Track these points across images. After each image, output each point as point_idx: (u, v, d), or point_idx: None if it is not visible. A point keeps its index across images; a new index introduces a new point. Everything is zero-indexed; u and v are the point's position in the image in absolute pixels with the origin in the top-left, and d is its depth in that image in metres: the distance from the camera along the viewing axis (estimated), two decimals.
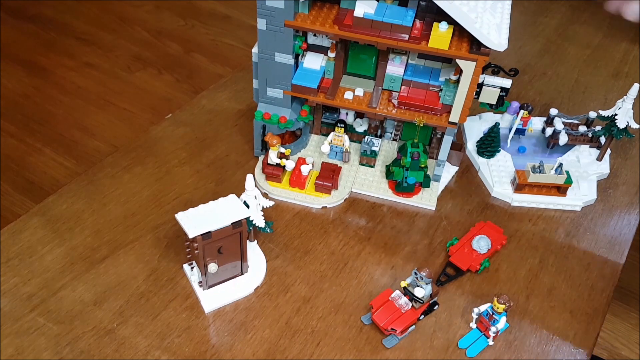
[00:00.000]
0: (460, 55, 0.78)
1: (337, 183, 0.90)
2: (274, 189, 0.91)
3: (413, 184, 0.90)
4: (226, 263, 0.76)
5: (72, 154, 2.03)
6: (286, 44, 0.84)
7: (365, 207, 0.90)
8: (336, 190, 0.91)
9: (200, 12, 2.66)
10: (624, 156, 1.03)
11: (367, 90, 0.90)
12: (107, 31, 2.55)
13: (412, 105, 0.87)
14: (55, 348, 0.71)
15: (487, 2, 0.81)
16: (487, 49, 0.77)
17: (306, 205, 0.90)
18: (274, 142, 0.88)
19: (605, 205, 0.94)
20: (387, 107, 0.88)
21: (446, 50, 0.78)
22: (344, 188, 0.92)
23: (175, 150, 0.97)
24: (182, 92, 2.28)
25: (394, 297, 0.75)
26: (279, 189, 0.91)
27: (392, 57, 0.87)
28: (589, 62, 1.25)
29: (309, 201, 0.90)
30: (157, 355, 0.71)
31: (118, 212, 0.87)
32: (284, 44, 0.84)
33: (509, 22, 0.81)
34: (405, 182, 0.90)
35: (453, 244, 0.83)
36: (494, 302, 0.72)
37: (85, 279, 0.78)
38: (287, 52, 0.85)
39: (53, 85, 2.29)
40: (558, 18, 1.38)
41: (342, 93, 0.90)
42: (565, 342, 0.75)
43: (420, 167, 0.90)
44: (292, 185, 0.90)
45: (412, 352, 0.73)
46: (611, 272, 0.84)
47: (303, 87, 0.88)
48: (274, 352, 0.72)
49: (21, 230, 0.83)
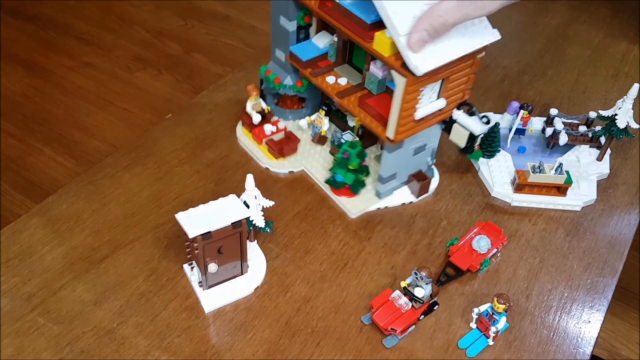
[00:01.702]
0: (394, 67, 0.75)
1: (285, 152, 0.94)
2: (242, 135, 0.99)
3: (341, 182, 0.89)
4: (226, 263, 0.76)
5: (72, 154, 2.03)
6: (288, 11, 0.88)
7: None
8: (283, 158, 0.95)
9: (200, 12, 2.66)
10: (624, 156, 1.03)
11: (351, 82, 0.90)
12: (107, 31, 2.55)
13: (368, 109, 0.85)
14: (55, 348, 0.71)
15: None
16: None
17: (253, 159, 0.96)
18: (252, 93, 0.95)
19: (605, 205, 0.94)
20: (353, 102, 0.87)
21: (386, 57, 0.75)
22: (294, 162, 0.95)
23: (175, 150, 0.97)
24: (182, 92, 2.28)
25: (394, 297, 0.75)
26: (245, 136, 0.99)
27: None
28: (589, 62, 1.25)
29: (257, 156, 0.97)
30: (157, 355, 0.71)
31: (118, 212, 0.87)
32: (286, 10, 0.88)
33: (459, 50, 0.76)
34: (332, 177, 0.90)
35: (453, 244, 0.83)
36: (494, 302, 0.72)
37: (85, 279, 0.78)
38: (289, 18, 0.89)
39: (53, 85, 2.29)
40: (558, 18, 1.38)
41: (327, 76, 0.90)
42: (565, 342, 0.75)
43: (349, 168, 0.88)
44: (253, 136, 0.96)
45: (412, 352, 0.73)
46: (611, 272, 0.84)
47: (296, 57, 0.91)
48: (274, 352, 0.72)
49: (21, 230, 0.83)
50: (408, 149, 0.87)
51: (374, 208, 0.90)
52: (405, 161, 0.88)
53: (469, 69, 0.81)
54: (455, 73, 0.79)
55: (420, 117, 0.81)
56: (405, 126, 0.81)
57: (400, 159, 0.87)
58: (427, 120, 0.82)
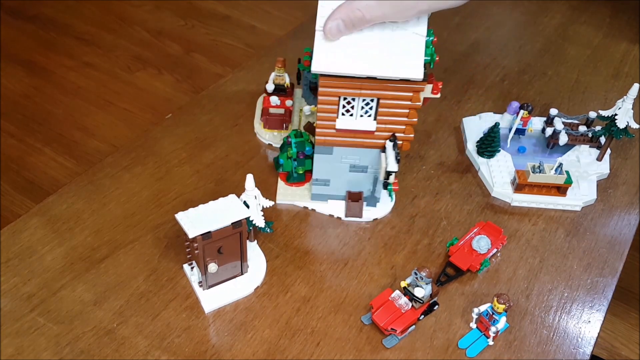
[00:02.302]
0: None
1: (269, 124, 0.98)
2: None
3: (303, 173, 0.90)
4: (226, 263, 0.76)
5: (72, 154, 2.03)
6: None
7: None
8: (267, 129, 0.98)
9: (200, 12, 2.67)
10: (624, 156, 1.03)
11: None
12: (107, 31, 2.55)
13: None
14: (55, 348, 0.71)
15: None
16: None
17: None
18: (278, 64, 0.96)
19: (605, 205, 0.94)
20: None
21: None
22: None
23: (175, 150, 0.97)
24: (182, 92, 2.28)
25: (394, 297, 0.75)
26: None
27: None
28: (589, 62, 1.25)
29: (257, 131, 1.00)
30: (157, 355, 0.71)
31: (118, 212, 0.87)
32: None
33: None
34: (295, 173, 0.90)
35: (453, 244, 0.83)
36: (494, 302, 0.72)
37: (85, 279, 0.78)
38: None
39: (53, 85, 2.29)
40: (558, 18, 1.38)
41: None
42: (565, 342, 0.75)
43: (288, 155, 0.89)
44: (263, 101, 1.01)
45: (412, 352, 0.73)
46: (611, 272, 0.84)
47: None
48: (274, 352, 0.72)
49: (21, 230, 0.83)
50: (341, 161, 0.84)
51: (300, 205, 0.90)
52: (339, 173, 0.86)
53: (409, 102, 0.77)
54: (388, 98, 0.77)
55: (341, 128, 0.80)
56: (324, 129, 0.80)
57: (332, 167, 0.85)
58: (354, 136, 0.81)
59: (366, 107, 0.79)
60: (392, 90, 0.76)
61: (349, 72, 0.73)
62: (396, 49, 0.73)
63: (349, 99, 0.78)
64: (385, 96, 0.76)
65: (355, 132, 0.80)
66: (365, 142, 0.82)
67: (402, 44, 0.73)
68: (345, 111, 0.79)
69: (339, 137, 0.81)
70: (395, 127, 0.80)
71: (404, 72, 0.73)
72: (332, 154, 0.84)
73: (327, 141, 0.82)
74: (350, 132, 0.81)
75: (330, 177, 0.87)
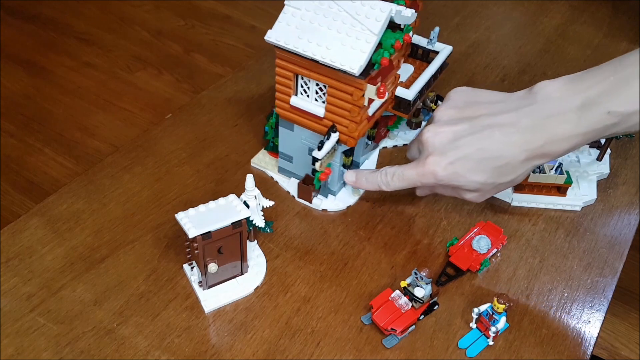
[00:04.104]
0: None
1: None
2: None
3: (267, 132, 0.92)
4: (226, 263, 0.76)
5: (72, 154, 2.03)
6: None
7: (365, 207, 0.90)
8: None
9: (200, 12, 2.67)
10: (624, 156, 1.03)
11: None
12: (107, 31, 2.55)
13: None
14: (55, 348, 0.71)
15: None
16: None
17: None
18: None
19: (605, 205, 0.94)
20: None
21: None
22: None
23: (175, 150, 0.97)
24: (182, 92, 2.28)
25: (394, 297, 0.75)
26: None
27: None
28: (589, 62, 1.25)
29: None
30: (157, 355, 0.71)
31: (118, 212, 0.87)
32: None
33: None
34: (272, 142, 0.91)
35: (453, 244, 0.84)
36: (494, 302, 0.72)
37: (85, 279, 0.78)
38: None
39: (53, 85, 2.29)
40: (558, 18, 1.38)
41: None
42: (565, 342, 0.75)
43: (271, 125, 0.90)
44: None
45: (412, 352, 0.73)
46: (611, 272, 0.84)
47: None
48: (274, 352, 0.72)
49: (21, 230, 0.83)
50: (300, 140, 0.86)
51: (268, 173, 0.93)
52: (300, 153, 0.87)
53: (350, 97, 0.76)
54: (333, 87, 0.77)
55: (294, 106, 0.82)
56: (281, 102, 0.83)
57: (294, 145, 0.87)
58: (307, 117, 0.83)
59: (320, 92, 0.81)
60: (335, 79, 0.77)
61: (293, 49, 0.76)
62: (347, 40, 0.74)
63: (306, 79, 0.80)
64: (332, 84, 0.78)
65: (307, 113, 0.82)
66: (317, 127, 0.83)
67: (355, 37, 0.75)
68: (303, 91, 0.82)
69: (294, 114, 0.83)
70: (340, 119, 0.81)
71: (340, 61, 0.74)
72: (293, 131, 0.86)
73: (285, 115, 0.84)
74: (303, 113, 0.83)
75: (292, 154, 0.88)
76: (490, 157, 0.73)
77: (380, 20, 0.74)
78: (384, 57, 0.74)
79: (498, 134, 0.72)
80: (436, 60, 0.95)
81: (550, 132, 0.71)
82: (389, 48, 0.75)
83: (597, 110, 0.69)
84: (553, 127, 0.71)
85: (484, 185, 0.76)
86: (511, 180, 0.77)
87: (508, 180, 0.76)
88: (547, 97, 0.73)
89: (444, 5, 1.39)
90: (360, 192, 0.91)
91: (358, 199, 0.91)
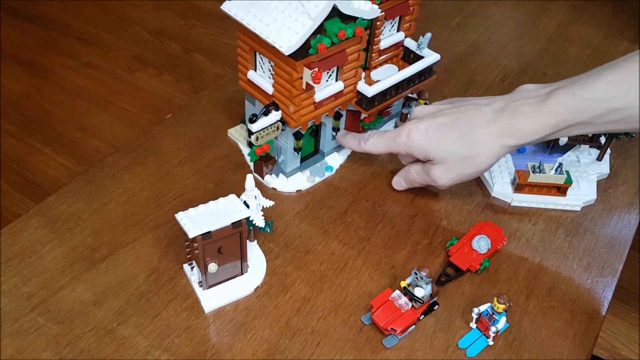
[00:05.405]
0: None
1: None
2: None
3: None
4: (226, 263, 0.76)
5: (72, 154, 2.03)
6: None
7: (365, 207, 0.90)
8: None
9: (200, 12, 2.66)
10: (624, 156, 1.03)
11: None
12: (107, 31, 2.55)
13: None
14: (55, 348, 0.71)
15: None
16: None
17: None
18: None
19: (605, 205, 0.94)
20: None
21: None
22: None
23: (175, 150, 0.97)
24: (182, 92, 2.28)
25: (394, 297, 0.75)
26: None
27: None
28: (589, 62, 1.25)
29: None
30: (157, 355, 0.71)
31: (118, 212, 0.87)
32: None
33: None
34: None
35: (453, 244, 0.84)
36: (494, 302, 0.72)
37: (85, 279, 0.78)
38: None
39: (53, 85, 2.29)
40: (558, 18, 1.38)
41: None
42: (565, 342, 0.75)
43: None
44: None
45: (412, 352, 0.73)
46: (611, 272, 0.84)
47: None
48: (274, 352, 0.72)
49: (21, 230, 0.83)
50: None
51: (240, 146, 0.97)
52: None
53: (288, 76, 0.77)
54: (277, 66, 0.79)
55: (250, 80, 0.84)
56: (242, 74, 0.86)
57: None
58: (261, 93, 0.85)
59: (272, 70, 0.82)
60: (278, 58, 0.78)
61: (240, 21, 0.78)
62: (287, 20, 0.75)
63: (262, 55, 0.82)
64: (276, 63, 0.79)
65: (260, 89, 0.84)
66: (262, 99, 0.85)
67: (294, 19, 0.75)
68: (260, 67, 0.83)
69: (252, 88, 0.85)
70: (283, 98, 0.82)
71: (273, 39, 0.75)
72: (255, 106, 0.88)
73: (245, 88, 0.87)
74: (257, 88, 0.84)
75: None
76: (461, 127, 0.80)
77: (319, 6, 0.74)
78: (322, 43, 0.74)
79: (473, 110, 0.81)
80: (414, 66, 0.91)
81: (517, 109, 0.78)
82: (332, 36, 0.75)
83: (563, 92, 0.76)
84: (520, 106, 0.78)
85: (450, 155, 0.81)
86: (476, 156, 0.80)
87: (473, 154, 0.80)
88: (522, 89, 0.83)
89: (444, 5, 1.39)
90: (315, 180, 0.92)
91: (311, 186, 0.92)
